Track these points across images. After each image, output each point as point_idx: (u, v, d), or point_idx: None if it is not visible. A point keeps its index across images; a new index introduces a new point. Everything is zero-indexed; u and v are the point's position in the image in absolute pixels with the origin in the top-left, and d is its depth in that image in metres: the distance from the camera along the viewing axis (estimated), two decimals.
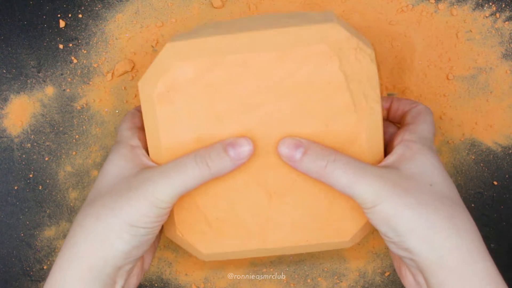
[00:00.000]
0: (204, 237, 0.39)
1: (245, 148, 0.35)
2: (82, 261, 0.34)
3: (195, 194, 0.37)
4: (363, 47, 0.35)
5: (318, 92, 0.35)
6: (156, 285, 0.48)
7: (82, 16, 0.48)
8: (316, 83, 0.35)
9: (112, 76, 0.48)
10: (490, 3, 0.47)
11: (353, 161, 0.34)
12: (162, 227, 0.40)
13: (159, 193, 0.34)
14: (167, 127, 0.36)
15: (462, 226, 0.33)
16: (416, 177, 0.34)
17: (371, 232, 0.48)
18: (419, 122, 0.38)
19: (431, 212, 0.32)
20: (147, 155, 0.37)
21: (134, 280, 0.37)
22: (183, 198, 0.37)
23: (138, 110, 0.42)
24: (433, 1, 0.47)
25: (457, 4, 0.47)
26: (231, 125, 0.36)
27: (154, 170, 0.35)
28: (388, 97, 0.42)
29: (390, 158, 0.36)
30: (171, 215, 0.38)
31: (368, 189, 0.33)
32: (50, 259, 0.48)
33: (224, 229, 0.38)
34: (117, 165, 0.36)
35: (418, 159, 0.35)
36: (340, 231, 0.38)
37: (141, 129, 0.40)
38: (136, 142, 0.38)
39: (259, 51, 0.35)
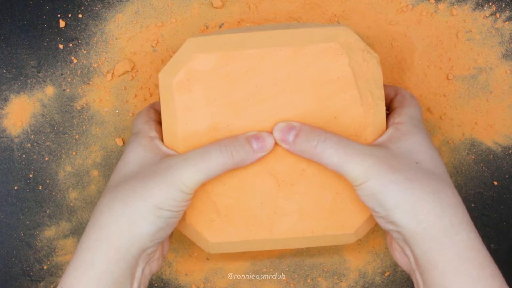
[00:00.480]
0: (212, 225, 0.39)
1: (268, 142, 0.37)
2: (111, 242, 0.35)
3: (206, 182, 0.38)
4: (370, 51, 0.38)
5: (328, 86, 0.37)
6: (156, 285, 0.48)
7: (82, 16, 0.48)
8: (327, 77, 0.37)
9: (112, 76, 0.48)
10: (490, 3, 0.47)
11: (344, 140, 0.36)
12: None
13: (185, 178, 0.35)
14: (184, 114, 0.38)
15: (446, 200, 0.34)
16: (404, 155, 0.36)
17: (371, 232, 0.48)
18: (405, 105, 0.40)
19: (416, 187, 0.34)
20: (165, 146, 0.39)
21: (155, 265, 0.39)
22: None
23: (152, 106, 0.43)
24: (433, 1, 0.47)
25: (457, 4, 0.47)
26: (246, 115, 0.38)
27: (178, 157, 0.36)
28: None
29: (381, 139, 0.37)
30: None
31: (357, 167, 0.34)
32: (50, 259, 0.48)
33: (232, 217, 0.39)
34: (138, 154, 0.38)
35: (406, 139, 0.37)
36: (345, 223, 0.39)
37: (157, 122, 0.41)
38: (154, 133, 0.39)
39: (275, 47, 0.37)
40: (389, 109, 0.42)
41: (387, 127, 0.39)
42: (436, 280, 0.34)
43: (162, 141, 0.39)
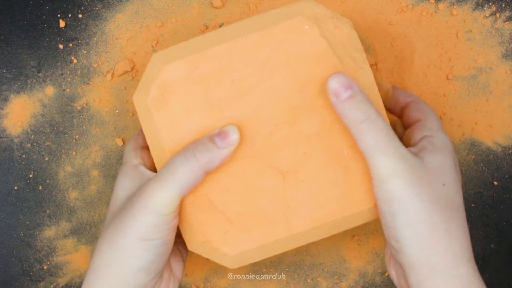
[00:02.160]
0: (228, 237, 0.37)
1: (231, 135, 0.35)
2: (104, 285, 0.34)
3: (209, 193, 0.37)
4: (340, 17, 0.36)
5: (306, 61, 0.36)
6: None
7: (82, 16, 0.48)
8: (302, 53, 0.36)
9: (112, 76, 0.48)
10: (490, 3, 0.47)
11: (389, 129, 0.34)
12: (183, 240, 0.40)
13: (157, 200, 0.33)
14: (167, 130, 0.36)
15: (455, 232, 0.33)
16: (434, 172, 0.34)
17: (371, 232, 0.48)
18: (429, 116, 0.37)
19: (435, 210, 0.32)
20: (149, 170, 0.37)
21: None
22: (197, 200, 0.37)
23: (142, 131, 0.42)
24: (433, 1, 0.47)
25: (457, 4, 0.47)
26: (230, 113, 0.36)
27: (151, 180, 0.35)
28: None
29: (415, 148, 0.36)
30: (189, 222, 0.37)
31: (388, 162, 0.33)
32: (50, 259, 0.48)
33: (246, 223, 0.37)
34: (124, 187, 0.36)
35: (440, 156, 0.35)
36: (362, 198, 0.37)
37: (144, 147, 0.40)
38: (137, 160, 0.38)
39: (241, 37, 0.36)
40: (402, 117, 0.40)
41: (413, 135, 0.37)
42: None
43: (149, 165, 0.38)
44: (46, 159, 0.48)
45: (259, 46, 0.36)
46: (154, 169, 0.39)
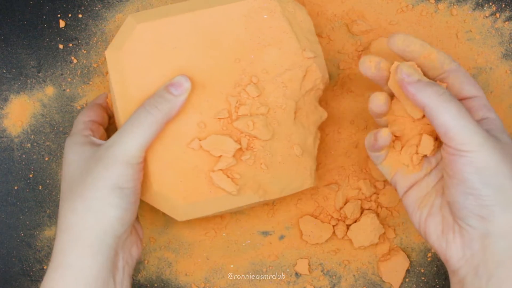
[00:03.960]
0: (180, 189, 0.39)
1: (184, 84, 0.38)
2: (82, 239, 0.35)
3: (167, 147, 0.39)
4: (297, 3, 0.41)
5: (271, 38, 0.40)
6: (156, 285, 0.48)
7: (82, 16, 0.48)
8: (267, 28, 0.40)
9: None
10: (490, 3, 0.47)
11: (460, 104, 0.34)
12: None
13: (126, 150, 0.36)
14: (135, 80, 0.39)
15: None
16: (508, 147, 0.35)
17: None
18: (484, 97, 0.37)
19: None
20: (100, 139, 0.40)
21: (135, 250, 0.39)
22: (155, 153, 0.39)
23: (96, 103, 0.44)
24: (433, 1, 0.47)
25: (457, 4, 0.47)
26: (192, 71, 0.39)
27: (113, 136, 0.37)
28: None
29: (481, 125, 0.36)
30: (145, 173, 0.39)
31: (475, 134, 0.33)
32: (50, 259, 0.48)
33: (199, 177, 0.39)
34: (77, 152, 0.38)
35: (505, 134, 0.36)
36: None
37: (95, 122, 0.42)
38: (87, 132, 0.40)
39: (208, 8, 0.40)
40: (446, 83, 0.38)
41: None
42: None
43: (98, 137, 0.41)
44: (46, 159, 0.48)
45: (224, 16, 0.40)
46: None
